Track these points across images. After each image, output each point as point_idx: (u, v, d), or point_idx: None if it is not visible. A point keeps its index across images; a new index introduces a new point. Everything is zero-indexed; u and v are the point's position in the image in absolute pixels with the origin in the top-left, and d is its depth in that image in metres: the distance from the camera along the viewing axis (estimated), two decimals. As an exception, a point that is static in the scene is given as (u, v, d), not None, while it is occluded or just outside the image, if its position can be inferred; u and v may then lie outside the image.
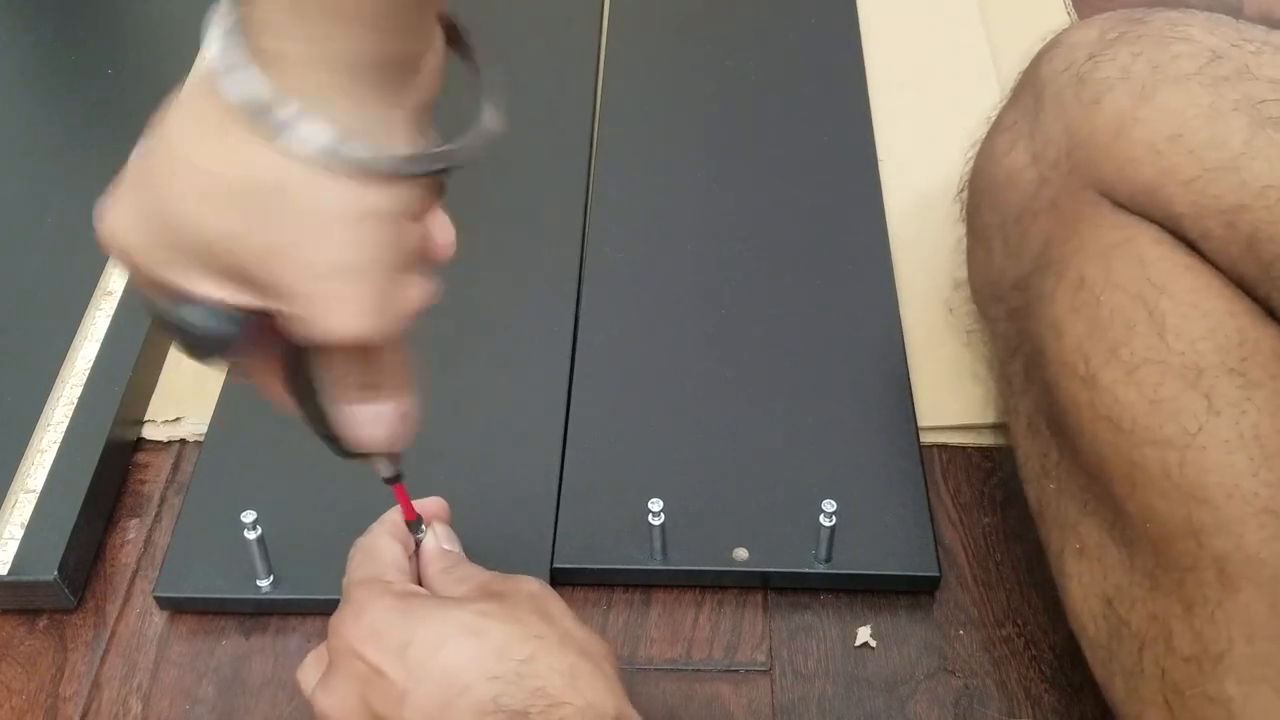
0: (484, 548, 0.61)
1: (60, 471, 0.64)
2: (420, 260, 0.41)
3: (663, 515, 0.59)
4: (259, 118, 0.35)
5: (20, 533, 0.62)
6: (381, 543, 0.51)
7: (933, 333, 0.71)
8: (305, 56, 0.35)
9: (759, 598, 0.62)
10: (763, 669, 0.59)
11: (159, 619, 0.62)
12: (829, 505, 0.58)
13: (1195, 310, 0.48)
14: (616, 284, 0.74)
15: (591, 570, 0.62)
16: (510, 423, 0.67)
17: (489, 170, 0.81)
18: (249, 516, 0.58)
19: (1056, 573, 0.54)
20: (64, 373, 0.69)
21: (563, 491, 0.64)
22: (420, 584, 0.52)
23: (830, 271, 0.74)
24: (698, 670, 0.59)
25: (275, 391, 0.44)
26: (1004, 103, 0.60)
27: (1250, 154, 0.47)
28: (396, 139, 0.37)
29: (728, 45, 0.90)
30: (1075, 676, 0.57)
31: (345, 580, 0.49)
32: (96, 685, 0.60)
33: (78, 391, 0.68)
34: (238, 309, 0.39)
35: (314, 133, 0.35)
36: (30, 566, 0.61)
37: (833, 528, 0.58)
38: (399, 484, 0.51)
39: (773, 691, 0.58)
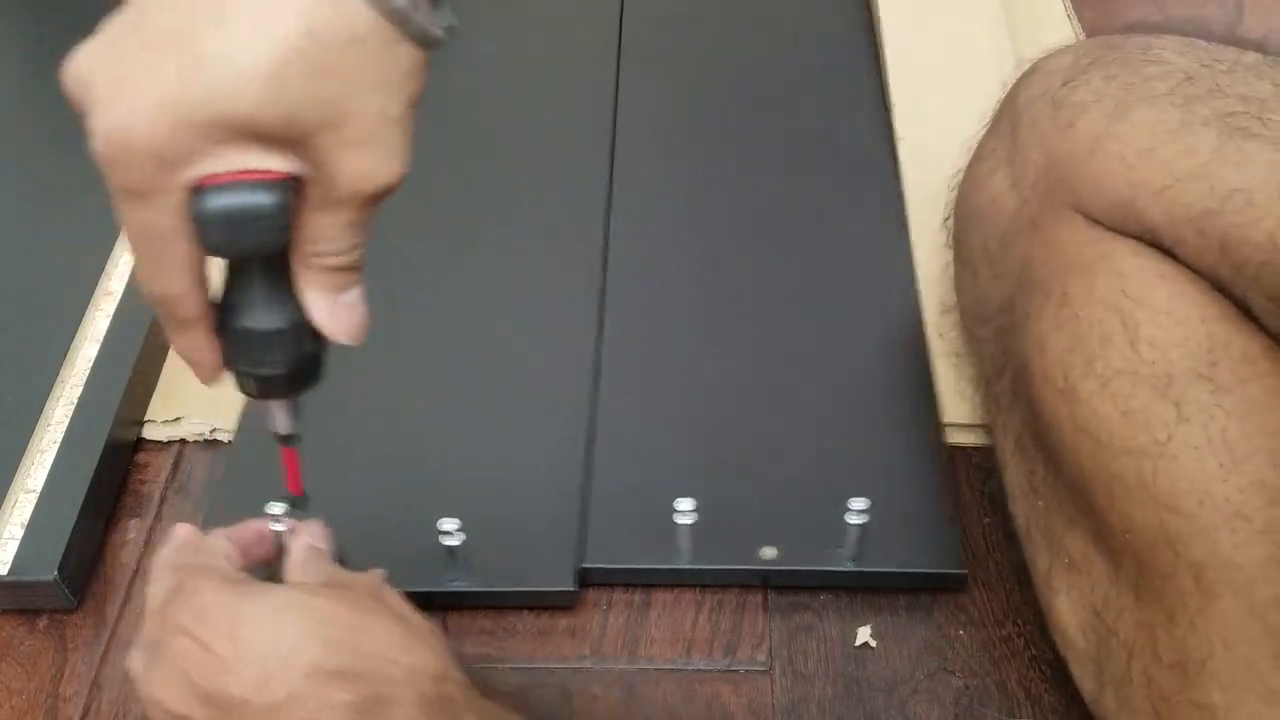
0: (512, 549, 0.61)
1: (60, 471, 0.64)
2: None
3: (691, 515, 0.59)
4: None
5: (20, 533, 0.62)
6: (214, 540, 0.51)
7: (934, 330, 0.71)
8: None
9: (759, 597, 0.62)
10: (763, 669, 0.59)
11: (158, 619, 0.62)
12: (858, 504, 0.58)
13: (1169, 318, 0.48)
14: (639, 281, 0.74)
15: (620, 570, 0.62)
16: (536, 423, 0.67)
17: (513, 171, 0.81)
18: (277, 509, 0.55)
19: (1044, 590, 0.54)
20: (64, 373, 0.69)
21: (590, 492, 0.64)
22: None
23: (852, 266, 0.74)
24: (698, 670, 0.59)
25: (197, 335, 0.43)
26: (983, 131, 0.61)
27: (1219, 161, 0.48)
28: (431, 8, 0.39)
29: (744, 41, 0.90)
30: (1075, 677, 0.57)
31: (172, 567, 0.49)
32: (96, 685, 0.60)
33: (78, 391, 0.68)
34: (289, 178, 0.39)
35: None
36: (30, 566, 0.61)
37: (862, 526, 0.58)
38: (293, 449, 0.50)
39: (773, 691, 0.58)
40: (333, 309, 0.44)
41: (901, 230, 0.76)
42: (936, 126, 0.82)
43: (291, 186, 0.39)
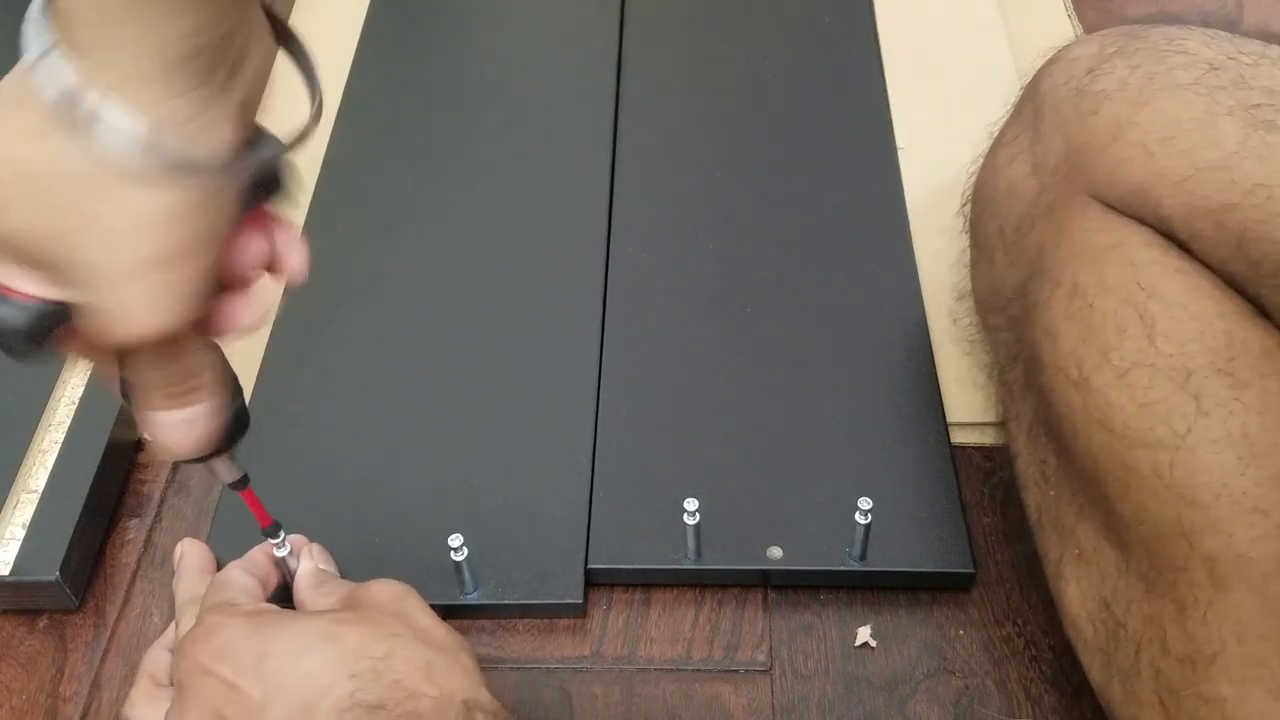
0: (517, 552, 0.62)
1: (62, 472, 0.64)
2: (266, 274, 0.41)
3: (698, 515, 0.59)
4: (65, 108, 0.34)
5: (22, 533, 0.62)
6: (233, 574, 0.53)
7: (937, 330, 0.71)
8: (112, 45, 0.34)
9: (759, 597, 0.62)
10: (763, 669, 0.59)
11: (159, 619, 0.62)
12: (865, 503, 0.58)
13: (1184, 312, 0.48)
14: (642, 283, 0.74)
15: (626, 570, 0.62)
16: (540, 425, 0.67)
17: (515, 175, 0.81)
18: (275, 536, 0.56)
19: (1054, 579, 0.54)
20: (65, 373, 0.69)
21: (594, 493, 0.64)
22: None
23: (854, 267, 0.74)
24: (698, 670, 0.59)
25: (112, 386, 0.44)
26: (1005, 119, 0.61)
27: (1242, 154, 0.48)
28: (205, 134, 0.36)
29: (743, 44, 0.90)
30: (1075, 677, 0.57)
31: (192, 603, 0.51)
32: (96, 685, 0.60)
33: (79, 392, 0.68)
34: (45, 304, 0.38)
35: (118, 119, 0.34)
36: (32, 567, 0.61)
37: (868, 526, 0.58)
38: (248, 489, 0.51)
39: (773, 691, 0.58)
40: (149, 420, 0.43)
41: (904, 233, 0.76)
42: (935, 135, 0.82)
43: (46, 312, 0.38)
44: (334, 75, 0.89)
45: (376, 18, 0.94)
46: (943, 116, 0.84)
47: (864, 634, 0.60)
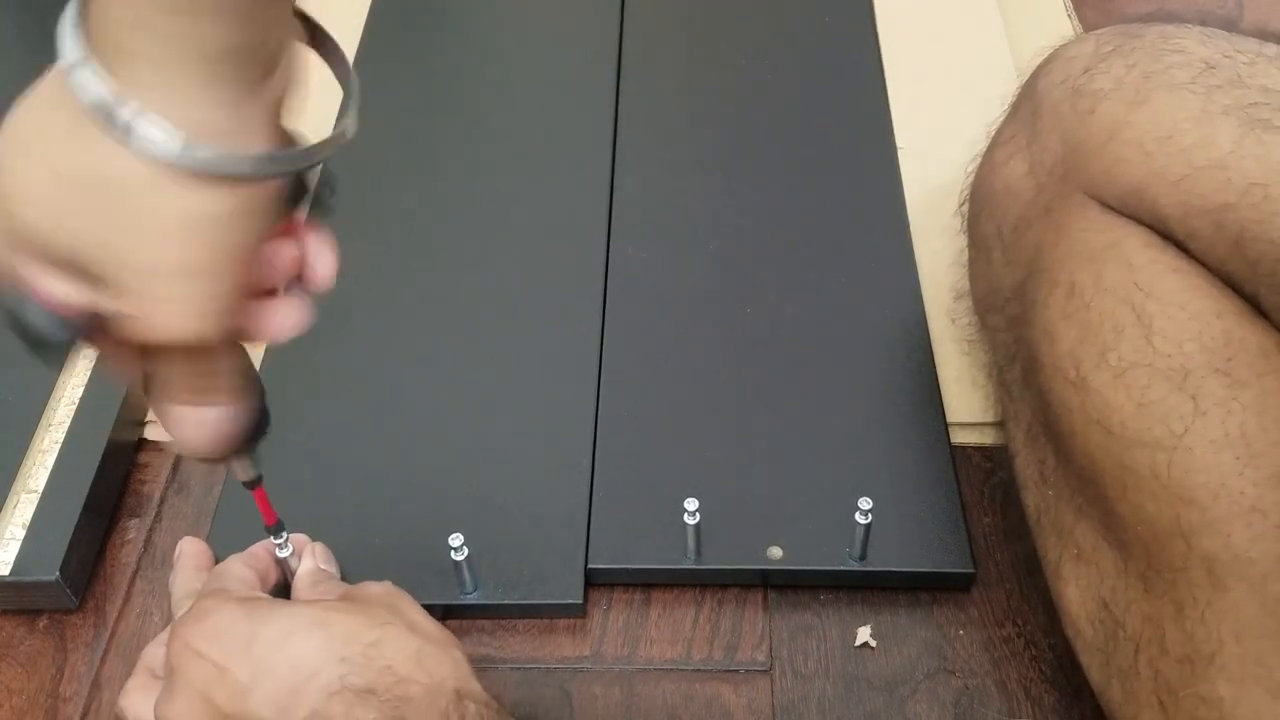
0: (517, 551, 0.62)
1: (62, 472, 0.64)
2: (294, 283, 0.41)
3: (698, 515, 0.59)
4: (101, 116, 0.34)
5: (22, 533, 0.62)
6: (232, 566, 0.54)
7: (936, 330, 0.71)
8: (147, 49, 0.34)
9: (759, 597, 0.62)
10: (763, 669, 0.59)
11: (159, 619, 0.62)
12: (865, 503, 0.58)
13: (1182, 312, 0.48)
14: (642, 284, 0.74)
15: (626, 570, 0.62)
16: (540, 424, 0.67)
17: (515, 175, 0.81)
18: (279, 536, 0.56)
19: (1053, 579, 0.54)
20: (65, 373, 0.69)
21: (594, 493, 0.64)
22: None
23: (854, 267, 0.74)
24: (698, 670, 0.59)
25: (134, 383, 0.44)
26: (1003, 118, 0.61)
27: (1239, 153, 0.48)
28: (241, 139, 0.36)
29: (743, 44, 0.90)
30: (1075, 677, 0.57)
31: (190, 594, 0.52)
32: (96, 685, 0.60)
33: (79, 392, 0.68)
34: (75, 309, 0.38)
35: (153, 133, 0.34)
36: (32, 567, 0.61)
37: (868, 526, 0.58)
38: (259, 487, 0.51)
39: (773, 691, 0.58)
40: (171, 416, 0.43)
41: (904, 233, 0.76)
42: (935, 135, 0.82)
43: (76, 323, 0.38)
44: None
45: (377, 18, 0.94)
46: (942, 116, 0.84)
47: (864, 634, 0.60)
